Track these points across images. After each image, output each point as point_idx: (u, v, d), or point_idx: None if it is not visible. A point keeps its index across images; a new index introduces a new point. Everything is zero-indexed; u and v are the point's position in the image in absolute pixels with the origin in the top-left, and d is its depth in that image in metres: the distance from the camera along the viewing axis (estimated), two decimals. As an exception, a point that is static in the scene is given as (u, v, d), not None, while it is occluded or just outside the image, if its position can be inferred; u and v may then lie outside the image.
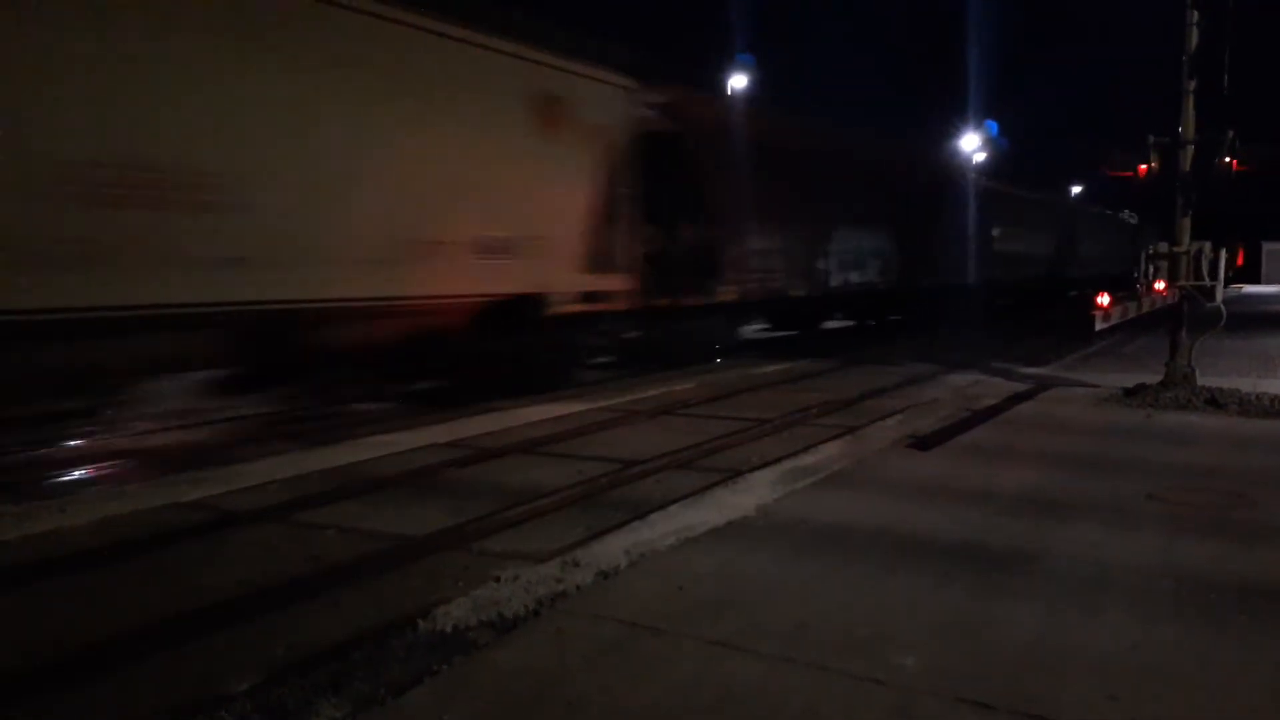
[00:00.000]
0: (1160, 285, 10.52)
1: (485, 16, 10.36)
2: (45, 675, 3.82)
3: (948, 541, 5.09)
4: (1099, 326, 10.37)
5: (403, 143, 9.27)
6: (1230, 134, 10.10)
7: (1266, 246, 55.39)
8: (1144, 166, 10.54)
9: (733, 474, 6.98)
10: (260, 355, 8.91)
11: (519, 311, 10.83)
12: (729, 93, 31.47)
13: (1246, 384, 10.59)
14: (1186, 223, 10.65)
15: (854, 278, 19.39)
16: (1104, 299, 10.22)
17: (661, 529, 5.36)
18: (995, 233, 27.99)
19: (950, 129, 41.77)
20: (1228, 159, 10.15)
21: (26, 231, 6.63)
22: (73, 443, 8.72)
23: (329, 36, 8.65)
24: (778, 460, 7.42)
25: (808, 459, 7.41)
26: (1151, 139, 10.48)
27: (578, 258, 11.57)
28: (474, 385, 10.92)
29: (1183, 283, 10.59)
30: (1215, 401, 9.67)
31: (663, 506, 5.98)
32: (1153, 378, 10.58)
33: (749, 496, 6.10)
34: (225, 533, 5.81)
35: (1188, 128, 10.45)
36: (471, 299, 10.21)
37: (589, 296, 11.78)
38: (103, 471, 7.53)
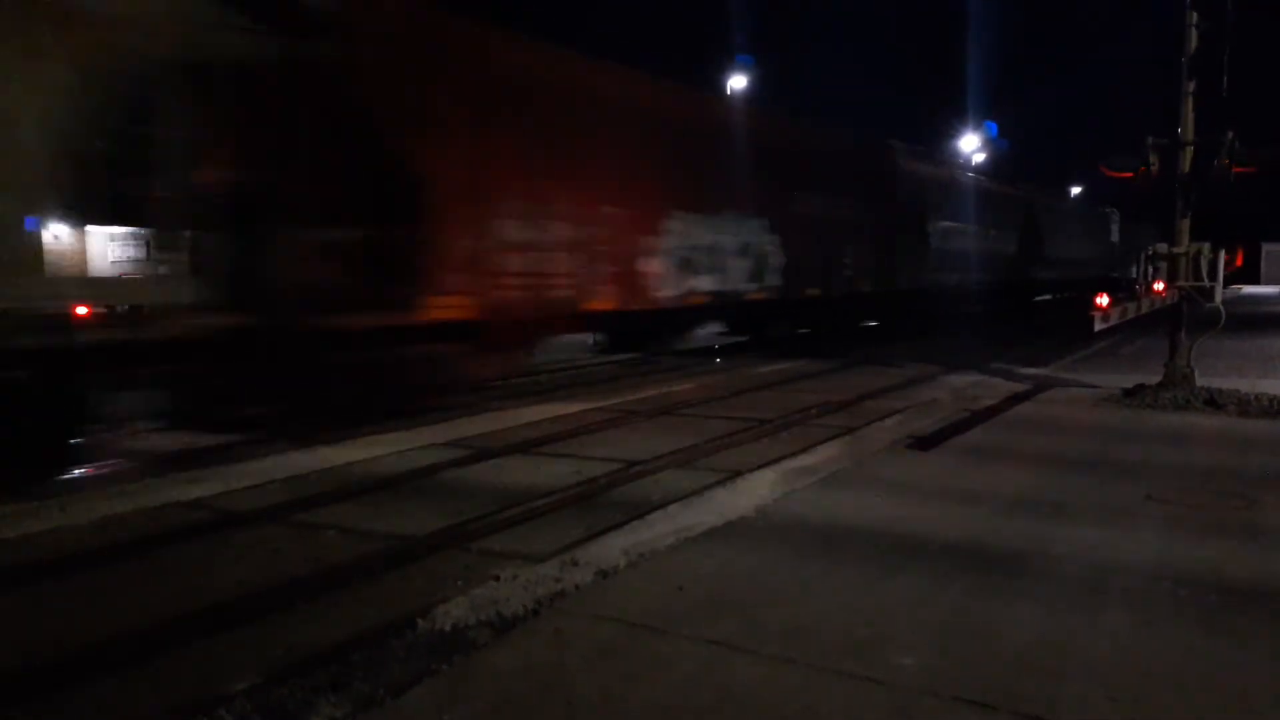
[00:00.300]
0: (1159, 286, 10.52)
1: None
2: (45, 675, 3.83)
3: (947, 542, 5.09)
4: (1098, 327, 10.36)
5: None
6: (1230, 135, 10.10)
7: (1266, 247, 55.39)
8: (1143, 167, 10.54)
9: (732, 474, 6.98)
10: None
11: None
12: (729, 92, 30.68)
13: (1245, 384, 10.59)
14: (1186, 224, 10.66)
15: (707, 284, 14.50)
16: (1103, 299, 10.22)
17: (661, 529, 5.37)
18: (933, 229, 23.29)
19: (950, 130, 41.61)
20: (1227, 160, 10.15)
21: None
22: (73, 441, 8.71)
23: None
24: (777, 461, 7.43)
25: (807, 459, 7.41)
26: (1150, 140, 10.49)
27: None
28: None
29: (1182, 283, 10.60)
30: (1214, 402, 9.68)
31: (662, 506, 5.98)
32: (1152, 378, 10.59)
33: (748, 497, 6.10)
34: (225, 532, 5.82)
35: (1187, 129, 10.46)
36: None
37: (42, 326, 6.58)
38: (103, 470, 7.52)
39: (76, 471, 7.16)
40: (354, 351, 9.01)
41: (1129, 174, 10.72)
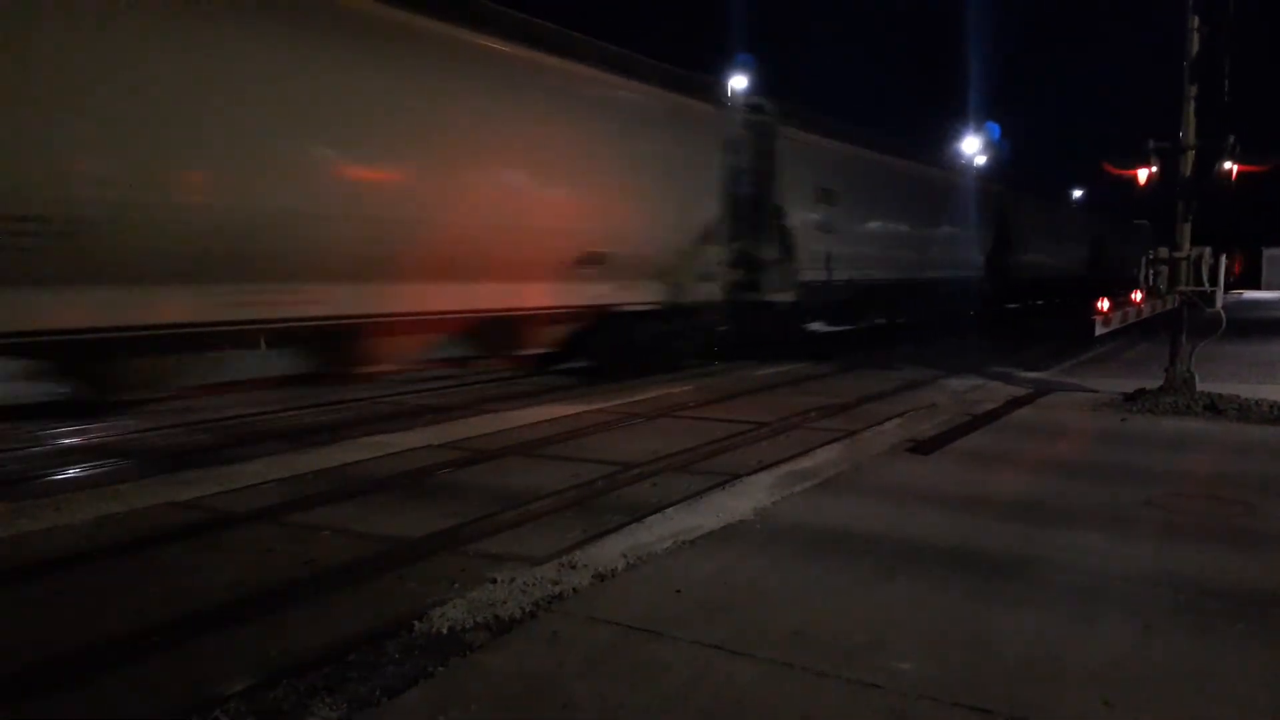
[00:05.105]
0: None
1: None
2: (37, 676, 3.81)
3: (946, 547, 5.07)
4: (1099, 331, 10.33)
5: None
6: (1231, 139, 10.09)
7: (1267, 252, 55.45)
8: (1145, 166, 10.53)
9: (730, 477, 6.96)
10: None
11: None
12: (729, 93, 30.19)
13: (1246, 390, 10.57)
14: (1187, 228, 10.64)
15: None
16: (1104, 303, 10.20)
17: (659, 532, 5.35)
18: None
19: (950, 132, 41.28)
20: (1228, 165, 10.14)
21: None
22: (68, 441, 8.71)
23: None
24: (775, 464, 7.40)
25: (805, 463, 7.39)
26: (1152, 143, 10.47)
27: None
28: None
29: (1183, 288, 10.58)
30: (1214, 407, 9.66)
31: (660, 509, 5.96)
32: (1152, 383, 10.57)
33: (746, 500, 6.08)
34: (220, 533, 5.80)
35: (1188, 133, 10.45)
36: None
37: None
38: (98, 470, 7.51)
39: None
40: None
41: (1132, 171, 10.68)
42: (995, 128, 42.62)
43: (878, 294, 20.52)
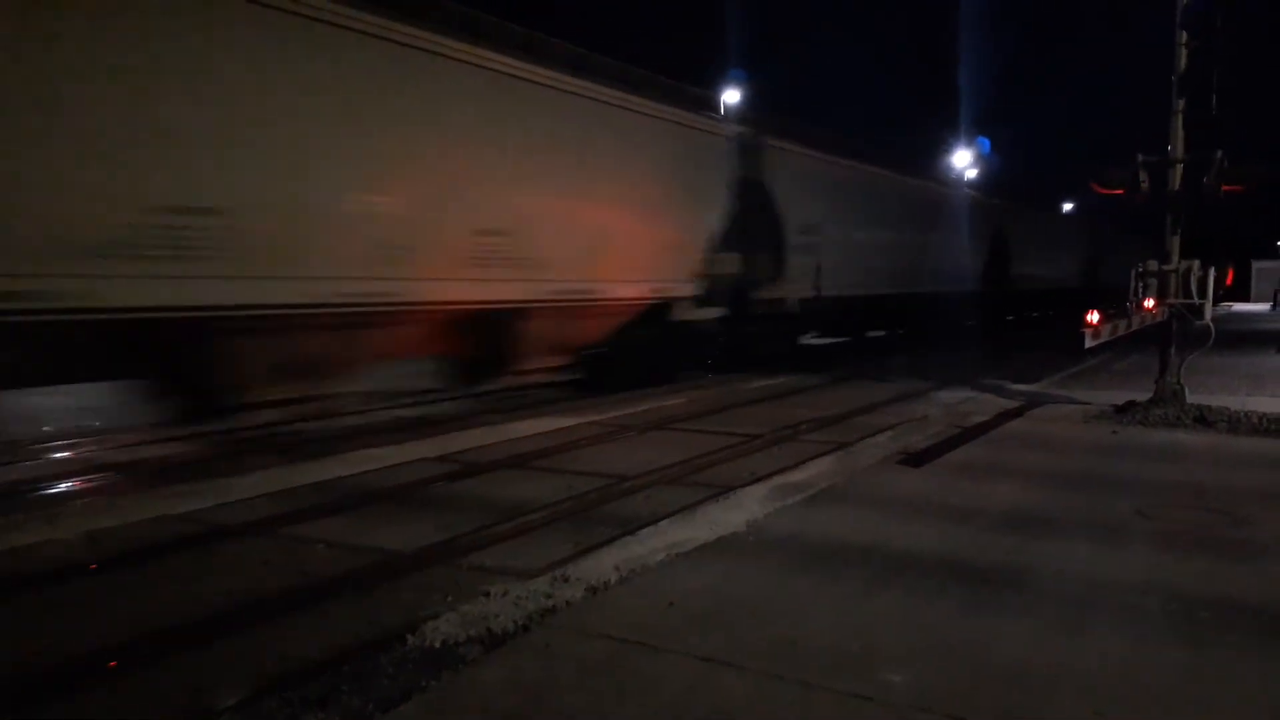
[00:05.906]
0: (1150, 303, 10.55)
1: None
2: (31, 688, 3.80)
3: (938, 558, 5.09)
4: (1089, 344, 10.40)
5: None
6: (1219, 154, 10.17)
7: (1256, 265, 55.87)
8: (1130, 186, 10.60)
9: (723, 490, 6.98)
10: None
11: None
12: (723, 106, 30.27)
13: (1235, 402, 10.64)
14: (1176, 241, 10.72)
15: None
16: (1093, 316, 10.27)
17: (652, 545, 5.35)
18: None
19: (942, 146, 41.36)
20: (1216, 179, 10.22)
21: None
22: (61, 455, 8.69)
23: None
24: (768, 476, 7.42)
25: (798, 475, 7.41)
26: (1141, 157, 10.56)
27: None
28: None
29: (1172, 301, 10.65)
30: (1204, 419, 9.71)
31: (653, 522, 5.97)
32: (1142, 395, 10.63)
33: (739, 512, 6.09)
34: (214, 547, 5.80)
35: (1177, 147, 10.53)
36: None
37: None
38: (92, 484, 7.50)
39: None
40: None
41: (1119, 190, 10.77)
42: (985, 142, 42.80)
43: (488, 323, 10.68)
